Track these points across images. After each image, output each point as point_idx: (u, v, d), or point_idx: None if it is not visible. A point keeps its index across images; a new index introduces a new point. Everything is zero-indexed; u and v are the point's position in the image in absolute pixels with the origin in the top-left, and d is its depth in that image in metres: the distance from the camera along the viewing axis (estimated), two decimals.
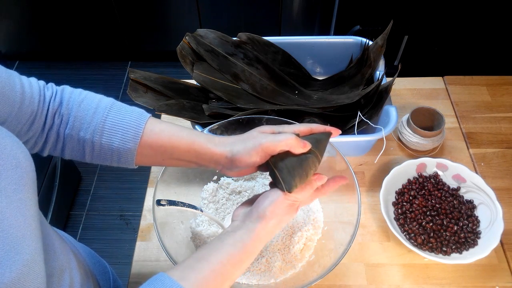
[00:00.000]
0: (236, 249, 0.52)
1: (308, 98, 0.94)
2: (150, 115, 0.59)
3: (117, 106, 0.58)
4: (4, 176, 0.40)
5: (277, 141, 0.54)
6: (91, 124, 0.56)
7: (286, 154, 0.55)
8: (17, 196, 0.40)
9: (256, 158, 0.55)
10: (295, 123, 0.63)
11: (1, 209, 0.38)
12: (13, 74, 0.51)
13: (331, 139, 0.62)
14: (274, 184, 0.57)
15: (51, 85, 0.58)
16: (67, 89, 0.58)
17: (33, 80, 0.55)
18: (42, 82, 0.56)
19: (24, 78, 0.53)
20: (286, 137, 0.55)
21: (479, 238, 0.75)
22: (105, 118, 0.56)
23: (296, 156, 0.55)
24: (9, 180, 0.40)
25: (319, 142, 0.59)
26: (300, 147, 0.55)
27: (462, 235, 0.75)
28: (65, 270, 0.53)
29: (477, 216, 0.78)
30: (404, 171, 0.83)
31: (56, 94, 0.56)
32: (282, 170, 0.55)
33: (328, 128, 0.61)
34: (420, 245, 0.75)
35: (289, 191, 0.54)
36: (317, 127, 0.60)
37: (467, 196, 0.81)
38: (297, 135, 0.57)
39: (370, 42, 0.95)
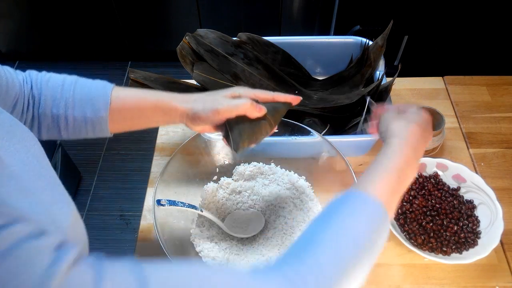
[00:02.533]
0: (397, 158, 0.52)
1: (308, 98, 0.94)
2: (114, 84, 0.62)
3: (82, 80, 0.61)
4: (22, 138, 0.44)
5: (233, 106, 0.58)
6: (61, 100, 0.58)
7: (242, 117, 0.59)
8: (45, 164, 0.45)
9: (213, 119, 0.59)
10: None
11: (36, 154, 0.44)
12: None
13: (331, 139, 0.62)
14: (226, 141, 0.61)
15: (19, 71, 0.60)
16: (33, 72, 0.61)
17: (5, 66, 0.58)
18: (11, 68, 0.59)
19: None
20: (242, 103, 0.58)
21: (479, 238, 0.75)
22: (73, 92, 0.59)
23: (250, 120, 0.59)
24: (30, 142, 0.45)
25: (275, 110, 0.62)
26: (255, 111, 0.59)
27: (462, 235, 0.75)
28: None
29: (477, 216, 0.78)
30: None
31: (25, 78, 0.59)
32: (233, 131, 0.59)
33: (289, 97, 0.64)
34: (420, 245, 0.75)
35: (236, 150, 0.59)
36: (279, 96, 0.63)
37: (467, 196, 0.81)
38: (257, 101, 0.60)
39: (370, 42, 0.95)
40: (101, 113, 0.59)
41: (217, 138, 0.79)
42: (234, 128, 0.59)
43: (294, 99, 0.65)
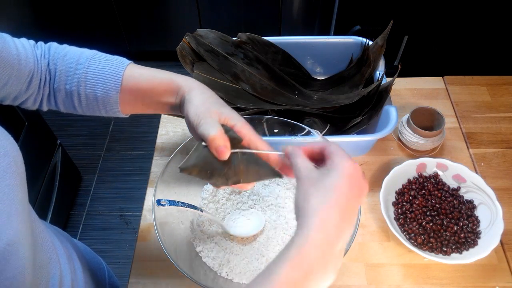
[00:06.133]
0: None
1: (308, 98, 0.94)
2: (131, 62, 0.60)
3: (98, 57, 0.58)
4: None
5: (202, 129, 0.49)
6: (74, 76, 0.57)
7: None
8: (4, 182, 0.41)
9: (192, 124, 0.52)
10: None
11: None
12: (6, 38, 0.53)
13: (331, 139, 0.62)
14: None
15: (40, 43, 0.59)
16: (53, 45, 0.59)
17: (23, 40, 0.57)
18: (32, 41, 0.58)
19: (16, 39, 0.55)
20: (207, 132, 0.48)
21: (479, 238, 0.75)
22: (86, 69, 0.57)
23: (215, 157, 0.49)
24: None
25: (256, 167, 0.51)
26: (213, 150, 0.48)
27: (462, 235, 0.75)
28: (55, 263, 0.54)
29: (477, 216, 0.78)
30: (404, 171, 0.83)
31: (44, 52, 0.58)
32: (196, 151, 0.50)
33: (275, 163, 0.52)
34: (420, 245, 0.75)
35: (180, 169, 0.49)
36: (264, 151, 0.51)
37: (467, 196, 0.81)
38: (241, 145, 0.50)
39: (370, 42, 0.95)
40: (110, 93, 0.57)
41: None
42: (194, 151, 0.50)
43: (277, 163, 0.52)
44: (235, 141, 0.50)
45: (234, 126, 0.52)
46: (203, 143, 0.49)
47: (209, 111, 0.52)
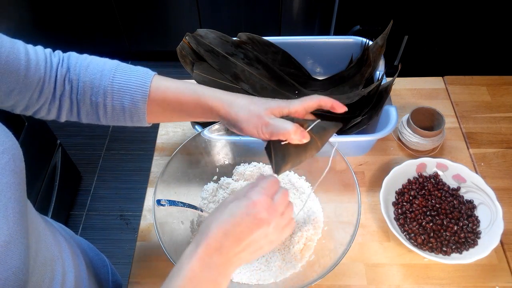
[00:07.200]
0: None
1: None
2: (155, 73, 0.60)
3: (122, 67, 0.59)
4: None
5: (276, 131, 0.55)
6: (100, 88, 0.57)
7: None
8: (2, 180, 0.41)
9: (253, 135, 0.57)
10: (306, 98, 0.61)
11: None
12: (17, 43, 0.53)
13: (331, 139, 0.62)
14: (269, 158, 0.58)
15: (57, 52, 0.59)
16: (73, 55, 0.59)
17: (39, 48, 0.56)
18: (48, 50, 0.58)
19: (29, 46, 0.55)
20: (285, 130, 0.54)
21: (479, 238, 0.75)
22: (112, 80, 0.57)
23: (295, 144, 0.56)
24: None
25: (324, 130, 0.59)
26: (297, 140, 0.55)
27: (462, 235, 0.75)
28: (57, 260, 0.54)
29: (477, 216, 0.78)
30: (404, 171, 0.83)
31: (63, 61, 0.58)
32: (277, 154, 0.56)
33: (334, 104, 0.60)
34: (420, 245, 0.75)
35: (277, 173, 0.56)
36: (325, 102, 0.59)
37: (467, 196, 0.81)
38: (302, 122, 0.56)
39: (370, 42, 0.95)
40: (139, 105, 0.58)
41: (217, 138, 0.79)
42: (278, 151, 0.56)
43: (338, 107, 0.60)
44: (298, 121, 0.57)
45: (289, 112, 0.57)
46: (282, 142, 0.56)
47: (262, 114, 0.56)
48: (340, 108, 0.60)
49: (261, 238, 0.48)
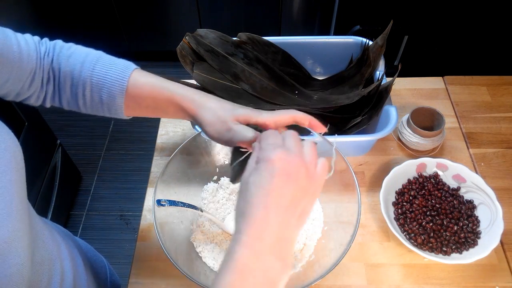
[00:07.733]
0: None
1: (308, 98, 0.94)
2: (136, 67, 0.60)
3: (103, 59, 0.58)
4: None
5: (236, 137, 0.53)
6: (80, 79, 0.57)
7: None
8: (6, 177, 0.42)
9: (215, 139, 0.55)
10: (279, 112, 0.57)
11: None
12: (8, 34, 0.52)
13: (331, 139, 0.62)
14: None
15: (45, 40, 0.59)
16: (58, 43, 0.59)
17: (28, 36, 0.56)
18: (36, 38, 0.58)
19: (19, 35, 0.55)
20: (243, 137, 0.52)
21: (479, 238, 0.75)
22: (91, 72, 0.57)
23: None
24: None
25: None
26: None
27: (462, 235, 0.75)
28: (55, 259, 0.54)
29: (477, 216, 0.78)
30: (404, 171, 0.83)
31: (49, 49, 0.58)
32: (234, 163, 0.55)
33: (313, 122, 0.56)
34: (420, 245, 0.75)
35: (232, 182, 0.55)
36: (302, 119, 0.55)
37: (467, 196, 0.81)
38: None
39: (370, 42, 0.95)
40: (116, 98, 0.58)
41: None
42: (235, 160, 0.55)
43: (318, 127, 0.57)
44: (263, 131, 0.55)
45: (255, 123, 0.54)
46: (241, 149, 0.54)
47: (228, 120, 0.54)
48: (319, 128, 0.56)
49: (300, 193, 0.42)
